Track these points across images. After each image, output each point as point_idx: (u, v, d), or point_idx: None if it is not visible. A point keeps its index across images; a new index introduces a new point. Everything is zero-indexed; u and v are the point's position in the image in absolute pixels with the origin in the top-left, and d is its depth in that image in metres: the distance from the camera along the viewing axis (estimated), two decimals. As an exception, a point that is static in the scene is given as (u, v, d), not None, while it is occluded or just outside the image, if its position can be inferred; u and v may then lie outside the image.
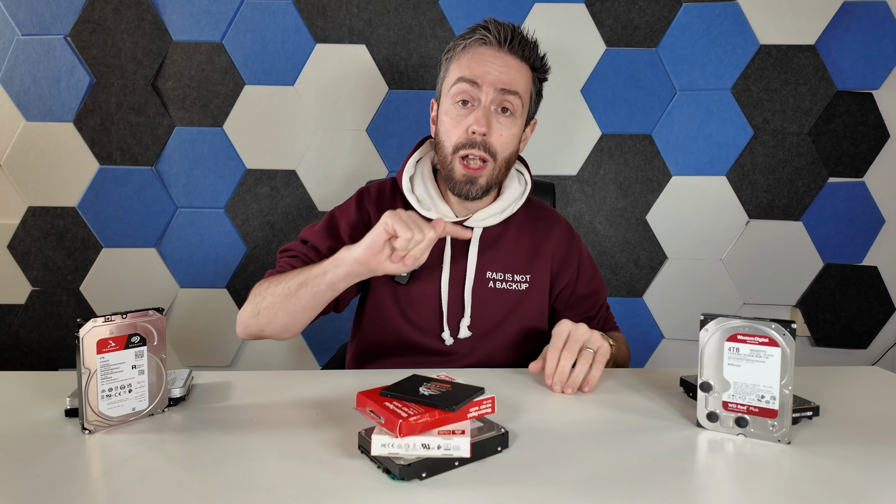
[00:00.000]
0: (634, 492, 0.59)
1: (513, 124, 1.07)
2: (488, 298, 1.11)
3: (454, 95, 1.07)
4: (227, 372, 0.96)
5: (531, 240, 1.17)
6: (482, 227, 1.13)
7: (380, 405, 0.65)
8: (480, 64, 1.05)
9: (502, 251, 1.13)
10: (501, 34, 1.05)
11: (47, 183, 1.76)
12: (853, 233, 1.81)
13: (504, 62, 1.05)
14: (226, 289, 1.82)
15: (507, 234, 1.15)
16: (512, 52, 1.06)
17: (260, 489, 0.59)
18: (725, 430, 0.73)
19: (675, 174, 1.81)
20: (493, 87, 1.04)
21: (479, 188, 1.08)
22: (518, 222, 1.17)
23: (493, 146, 1.06)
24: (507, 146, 1.08)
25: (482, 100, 1.05)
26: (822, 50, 1.75)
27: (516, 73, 1.06)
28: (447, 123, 1.08)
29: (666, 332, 1.86)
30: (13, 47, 1.72)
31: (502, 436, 0.67)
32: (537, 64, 1.11)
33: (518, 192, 1.17)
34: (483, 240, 1.13)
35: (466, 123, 1.05)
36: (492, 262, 1.12)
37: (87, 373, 0.71)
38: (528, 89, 1.10)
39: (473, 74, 1.04)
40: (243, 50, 1.75)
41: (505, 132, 1.07)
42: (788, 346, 0.69)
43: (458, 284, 1.11)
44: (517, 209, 1.16)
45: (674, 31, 1.76)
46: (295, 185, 1.80)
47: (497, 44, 1.05)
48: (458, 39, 1.11)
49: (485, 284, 1.11)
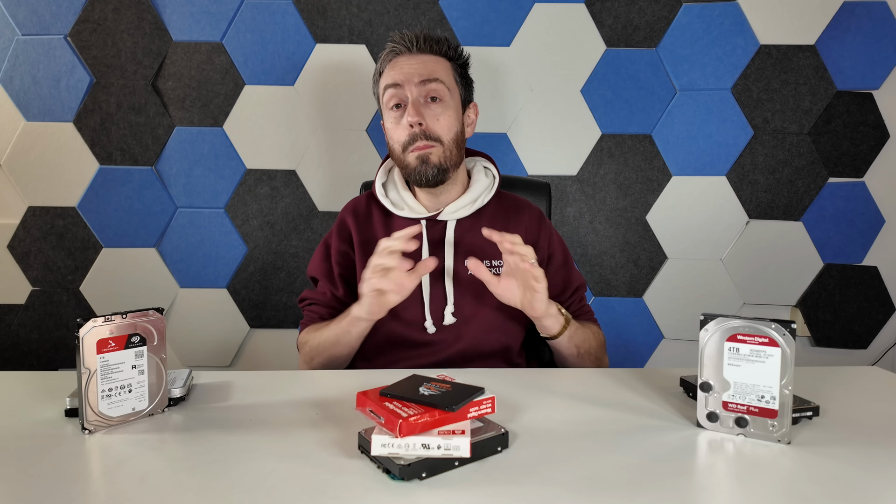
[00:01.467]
0: (634, 492, 0.59)
1: (445, 108, 1.16)
2: (469, 284, 1.15)
3: (387, 103, 1.17)
4: (227, 372, 0.97)
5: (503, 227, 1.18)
6: (455, 220, 1.18)
7: (380, 405, 0.65)
8: (398, 69, 1.16)
9: (477, 241, 1.17)
10: (407, 40, 1.17)
11: (47, 183, 1.76)
12: (853, 233, 1.81)
13: (419, 60, 1.16)
14: (226, 289, 1.82)
15: (480, 223, 1.18)
16: (423, 52, 1.17)
17: (260, 489, 0.59)
18: (725, 430, 0.73)
19: (675, 174, 1.81)
20: (414, 83, 1.14)
21: (433, 166, 1.14)
22: (490, 214, 1.22)
23: (433, 132, 1.14)
24: (449, 128, 1.16)
25: (409, 96, 1.14)
26: (822, 50, 1.75)
27: (433, 64, 1.16)
28: (391, 129, 1.18)
29: (666, 332, 1.86)
30: (13, 47, 1.72)
31: (502, 436, 0.67)
32: (452, 54, 1.20)
33: (486, 184, 1.24)
34: (457, 232, 1.18)
35: (403, 122, 1.14)
36: (468, 251, 1.16)
37: (87, 373, 0.71)
38: (449, 75, 1.18)
39: (395, 79, 1.15)
40: (243, 50, 1.75)
41: (440, 116, 1.15)
42: (788, 346, 0.69)
43: (439, 277, 1.16)
44: (488, 200, 1.21)
45: (674, 31, 1.76)
46: (295, 185, 1.80)
47: (407, 49, 1.17)
48: (377, 63, 1.22)
49: (464, 272, 1.15)
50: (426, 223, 1.18)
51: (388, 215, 1.22)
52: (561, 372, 1.07)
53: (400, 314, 1.13)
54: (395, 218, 1.20)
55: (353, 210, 1.25)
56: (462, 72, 1.22)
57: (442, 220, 1.18)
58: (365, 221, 1.22)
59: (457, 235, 1.18)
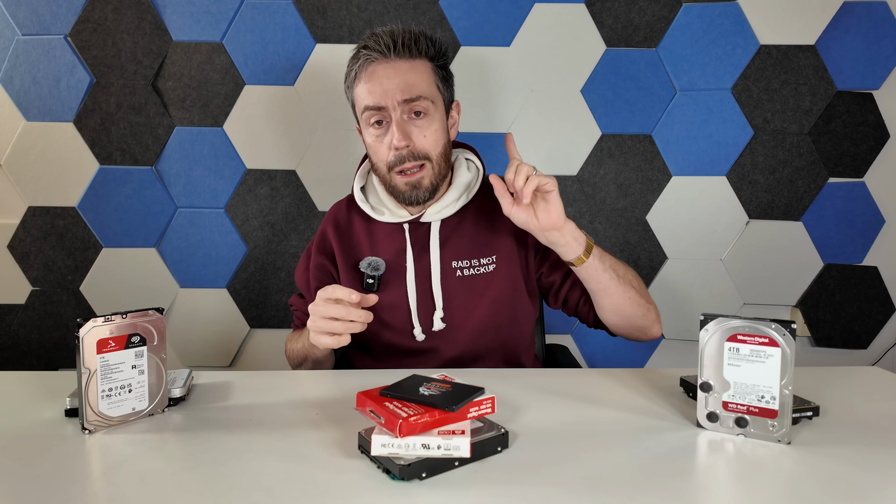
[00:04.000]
0: (634, 492, 0.59)
1: (431, 122, 1.08)
2: (457, 287, 1.11)
3: (367, 121, 1.10)
4: (227, 372, 0.97)
5: (490, 217, 1.16)
6: (440, 220, 1.14)
7: (380, 405, 0.65)
8: (376, 84, 1.06)
9: (464, 238, 1.13)
10: (383, 44, 1.05)
11: (47, 183, 1.76)
12: (853, 233, 1.81)
13: (396, 70, 1.06)
14: (226, 289, 1.82)
15: (466, 220, 1.15)
16: (400, 56, 1.06)
17: (260, 489, 0.59)
18: (725, 431, 0.73)
19: (675, 174, 1.81)
20: (396, 100, 1.05)
21: (425, 190, 1.10)
22: (476, 207, 1.17)
23: (421, 150, 1.08)
24: (436, 143, 1.10)
25: (392, 116, 1.06)
26: (823, 50, 1.75)
27: (413, 76, 1.06)
28: (373, 147, 1.11)
29: (666, 332, 1.86)
30: (13, 47, 1.72)
31: (502, 436, 0.67)
32: (431, 53, 1.10)
33: (469, 179, 1.18)
34: (442, 231, 1.14)
35: (387, 141, 1.07)
36: (455, 251, 1.13)
37: (87, 373, 0.71)
38: (431, 83, 1.09)
39: (374, 99, 1.06)
40: (243, 50, 1.75)
41: (427, 132, 1.08)
42: (788, 347, 0.69)
43: (425, 281, 1.11)
44: (473, 196, 1.16)
45: (674, 31, 1.76)
46: (295, 185, 1.80)
47: (383, 56, 1.06)
48: (349, 66, 1.11)
49: (452, 274, 1.12)
50: (409, 226, 1.14)
51: (368, 221, 1.17)
52: (561, 372, 1.08)
53: (389, 322, 1.10)
54: (376, 223, 1.16)
55: (333, 221, 1.21)
56: (443, 72, 1.13)
57: (426, 222, 1.14)
58: (346, 231, 1.19)
59: (442, 236, 1.13)
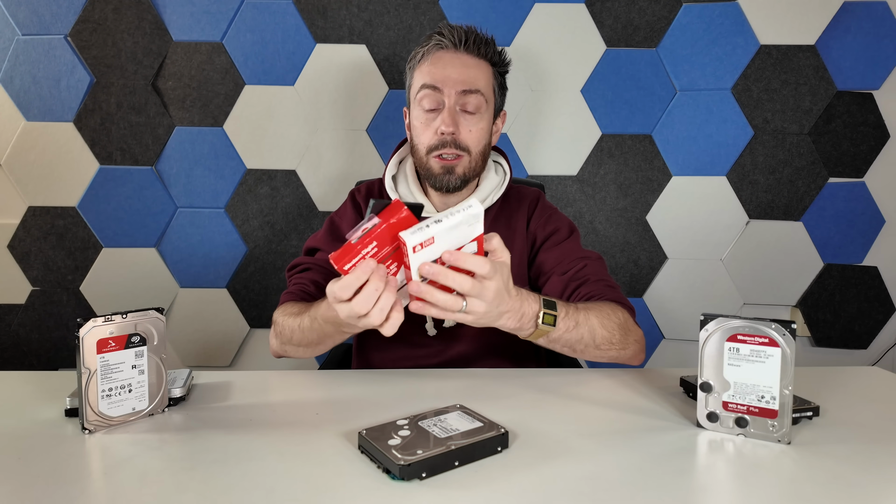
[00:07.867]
0: (634, 492, 0.59)
1: (479, 120, 1.12)
2: None
3: (420, 101, 1.12)
4: (227, 372, 0.96)
5: (509, 220, 1.19)
6: None
7: (354, 253, 0.72)
8: (440, 68, 1.10)
9: None
10: (456, 36, 1.11)
11: (47, 183, 1.76)
12: (853, 233, 1.81)
13: (462, 62, 1.11)
14: (226, 289, 1.82)
15: (486, 220, 1.16)
16: (468, 51, 1.11)
17: (260, 489, 0.59)
18: (725, 431, 0.73)
19: (675, 174, 1.81)
20: (455, 90, 1.09)
21: (457, 177, 1.12)
22: (495, 211, 1.20)
23: (463, 142, 1.11)
24: (479, 141, 1.12)
25: (446, 102, 1.09)
26: (823, 50, 1.75)
27: (476, 72, 1.11)
28: (418, 128, 1.14)
29: (666, 332, 1.86)
30: (13, 47, 1.72)
31: (502, 436, 0.67)
32: (496, 59, 1.15)
33: (496, 183, 1.21)
34: None
35: (435, 126, 1.10)
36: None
37: (87, 373, 0.71)
38: (489, 85, 1.14)
39: (434, 80, 1.10)
40: (243, 50, 1.75)
41: (473, 128, 1.11)
42: (788, 347, 0.69)
43: None
44: (496, 200, 1.19)
45: (674, 31, 1.76)
46: (295, 185, 1.80)
47: (453, 46, 1.11)
48: (418, 48, 1.16)
49: None
50: None
51: None
52: (561, 372, 1.07)
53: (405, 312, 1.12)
54: None
55: (367, 190, 1.24)
56: (501, 79, 1.18)
57: None
58: None
59: None
